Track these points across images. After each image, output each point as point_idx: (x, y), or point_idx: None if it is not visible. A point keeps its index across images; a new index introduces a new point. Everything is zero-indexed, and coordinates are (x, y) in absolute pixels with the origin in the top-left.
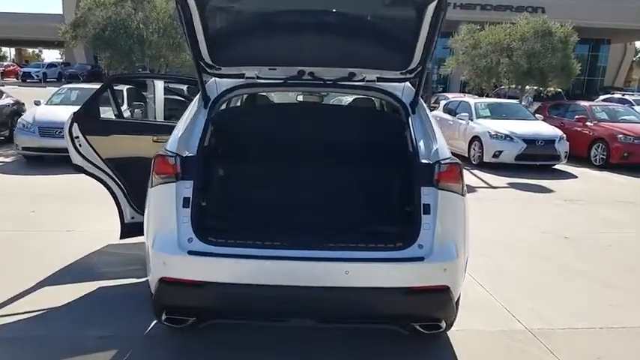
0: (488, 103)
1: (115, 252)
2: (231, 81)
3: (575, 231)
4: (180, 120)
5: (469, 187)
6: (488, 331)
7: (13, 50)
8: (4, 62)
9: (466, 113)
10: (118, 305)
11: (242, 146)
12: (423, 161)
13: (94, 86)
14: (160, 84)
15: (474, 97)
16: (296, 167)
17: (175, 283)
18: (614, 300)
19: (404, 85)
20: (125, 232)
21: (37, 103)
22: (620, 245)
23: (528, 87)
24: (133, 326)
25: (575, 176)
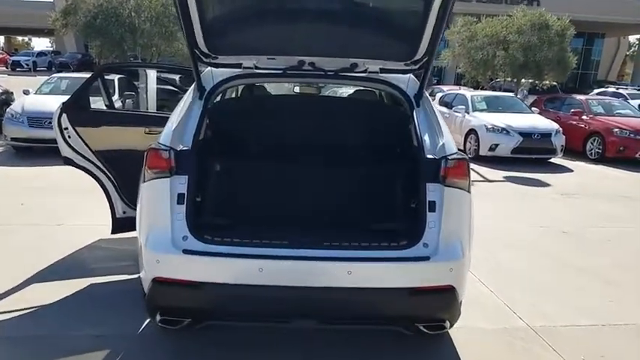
0: (484, 96)
1: (107, 247)
2: (228, 71)
3: (573, 225)
4: (174, 112)
5: None
6: (489, 329)
7: (2, 38)
8: None
9: (462, 106)
10: (110, 303)
11: (239, 140)
12: (429, 156)
13: (85, 75)
14: (153, 73)
15: (470, 89)
16: (296, 162)
17: (169, 284)
18: (615, 296)
19: (408, 76)
20: (117, 227)
21: (26, 93)
22: (618, 240)
23: (524, 80)
24: (126, 325)
25: (570, 170)
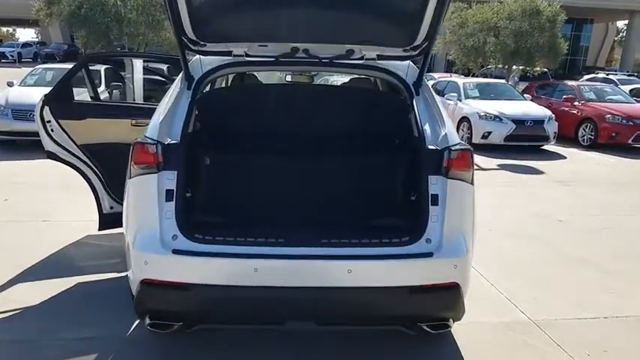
0: (477, 84)
1: (95, 243)
2: (217, 59)
3: (569, 214)
4: (161, 103)
5: None
6: (490, 323)
7: None
8: None
9: (454, 94)
10: (100, 302)
11: (230, 132)
12: (431, 147)
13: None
14: (139, 63)
15: (461, 77)
16: (291, 154)
17: (159, 286)
18: (616, 287)
19: (408, 63)
20: (104, 223)
21: (10, 85)
22: (616, 229)
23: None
24: (115, 326)
25: (564, 157)
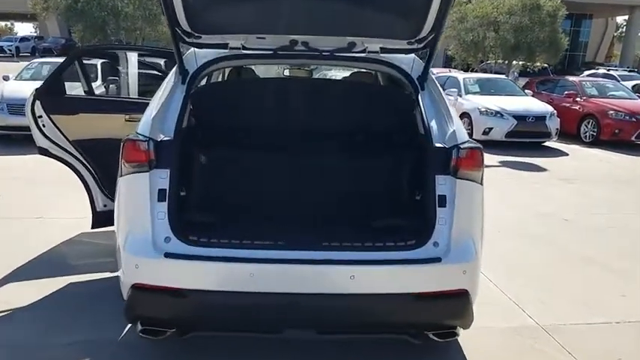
0: (477, 79)
1: (89, 241)
2: (213, 52)
3: (575, 212)
4: (154, 98)
5: None
6: (497, 328)
7: None
8: None
9: (455, 89)
10: (93, 304)
11: (227, 128)
12: (438, 145)
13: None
14: (134, 57)
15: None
16: (290, 153)
17: (151, 291)
18: (626, 289)
19: (412, 57)
20: (97, 221)
21: (5, 79)
22: (621, 228)
23: (515, 62)
24: (107, 329)
25: (566, 154)
